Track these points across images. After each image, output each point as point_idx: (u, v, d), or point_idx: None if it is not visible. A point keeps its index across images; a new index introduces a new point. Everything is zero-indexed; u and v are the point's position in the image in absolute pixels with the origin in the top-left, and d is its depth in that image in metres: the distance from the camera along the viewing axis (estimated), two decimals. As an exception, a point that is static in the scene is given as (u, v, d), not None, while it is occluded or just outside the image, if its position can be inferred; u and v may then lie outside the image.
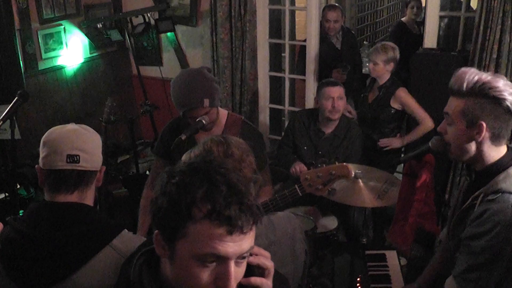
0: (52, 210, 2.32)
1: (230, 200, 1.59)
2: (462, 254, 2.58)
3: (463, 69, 2.57)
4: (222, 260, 1.62)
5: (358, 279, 3.66)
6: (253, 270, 1.80)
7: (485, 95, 2.47)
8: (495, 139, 2.55)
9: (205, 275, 1.64)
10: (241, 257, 1.66)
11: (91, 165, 2.40)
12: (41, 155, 2.38)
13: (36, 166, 2.42)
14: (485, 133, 2.52)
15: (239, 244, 1.62)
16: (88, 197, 2.44)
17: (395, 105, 5.37)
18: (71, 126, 2.45)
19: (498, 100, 2.47)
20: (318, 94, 5.13)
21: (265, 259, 1.83)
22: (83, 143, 2.37)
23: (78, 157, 2.33)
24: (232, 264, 1.64)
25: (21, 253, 2.24)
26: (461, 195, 2.79)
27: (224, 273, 1.63)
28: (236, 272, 1.67)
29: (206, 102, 3.60)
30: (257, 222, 1.68)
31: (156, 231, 1.70)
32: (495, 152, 2.59)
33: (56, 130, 2.42)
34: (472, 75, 2.51)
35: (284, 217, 2.83)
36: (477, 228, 2.48)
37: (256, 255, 1.79)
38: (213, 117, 3.73)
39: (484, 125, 2.50)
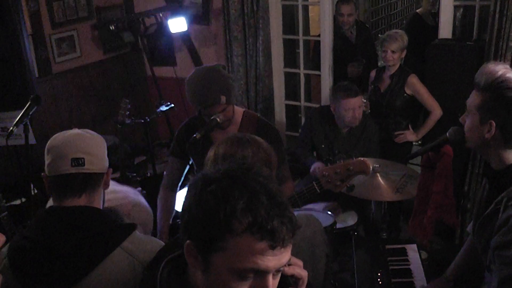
0: (60, 214, 2.32)
1: (272, 213, 1.53)
2: (496, 265, 2.41)
3: (492, 63, 2.51)
4: (261, 273, 1.58)
5: (379, 274, 3.62)
6: (287, 279, 1.76)
7: (500, 94, 2.41)
8: (508, 141, 2.48)
9: None
10: (278, 269, 1.62)
11: (97, 167, 2.39)
12: (46, 162, 2.38)
13: (42, 174, 2.41)
14: (496, 133, 2.46)
15: (279, 258, 1.58)
16: (96, 200, 2.43)
17: (408, 91, 5.42)
18: (74, 130, 2.46)
19: None
20: (335, 102, 5.08)
21: (300, 269, 1.80)
22: (87, 146, 2.37)
23: (82, 160, 2.32)
24: (270, 278, 1.60)
25: (32, 260, 2.23)
26: (484, 197, 2.73)
27: (262, 287, 1.59)
28: (273, 284, 1.63)
29: (223, 98, 3.60)
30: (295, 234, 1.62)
31: (188, 241, 1.63)
32: (511, 155, 2.52)
33: (59, 136, 2.42)
34: (496, 71, 2.44)
35: (304, 220, 2.76)
36: (505, 237, 2.34)
37: (290, 264, 1.75)
38: (229, 114, 3.72)
39: (494, 124, 2.45)
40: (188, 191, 1.66)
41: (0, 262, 2.29)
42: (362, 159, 3.22)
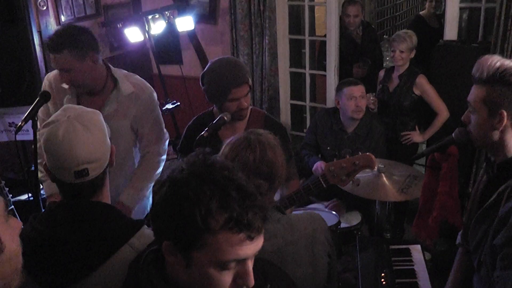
0: (70, 209, 2.31)
1: (245, 205, 1.60)
2: (504, 269, 2.22)
3: (486, 56, 2.51)
4: (242, 261, 1.65)
5: (383, 274, 3.63)
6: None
7: (505, 82, 2.41)
8: None
9: (227, 277, 1.66)
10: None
11: (102, 167, 2.36)
12: (46, 159, 2.33)
13: (43, 163, 2.38)
14: (506, 122, 2.45)
15: (256, 244, 1.66)
16: (105, 195, 2.42)
17: (417, 91, 5.45)
18: (65, 127, 2.26)
19: None
20: (339, 94, 5.14)
21: None
22: (88, 153, 2.26)
23: (86, 170, 2.27)
24: (250, 262, 1.68)
25: (41, 252, 2.24)
26: (479, 193, 2.73)
27: (244, 271, 1.67)
28: (250, 264, 1.71)
29: (250, 79, 3.64)
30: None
31: (166, 242, 1.68)
32: None
33: (52, 135, 2.26)
34: (494, 62, 2.45)
35: (306, 217, 2.75)
36: None
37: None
38: (249, 100, 3.73)
39: (505, 113, 2.44)
40: (155, 194, 1.71)
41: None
42: (368, 153, 3.22)
